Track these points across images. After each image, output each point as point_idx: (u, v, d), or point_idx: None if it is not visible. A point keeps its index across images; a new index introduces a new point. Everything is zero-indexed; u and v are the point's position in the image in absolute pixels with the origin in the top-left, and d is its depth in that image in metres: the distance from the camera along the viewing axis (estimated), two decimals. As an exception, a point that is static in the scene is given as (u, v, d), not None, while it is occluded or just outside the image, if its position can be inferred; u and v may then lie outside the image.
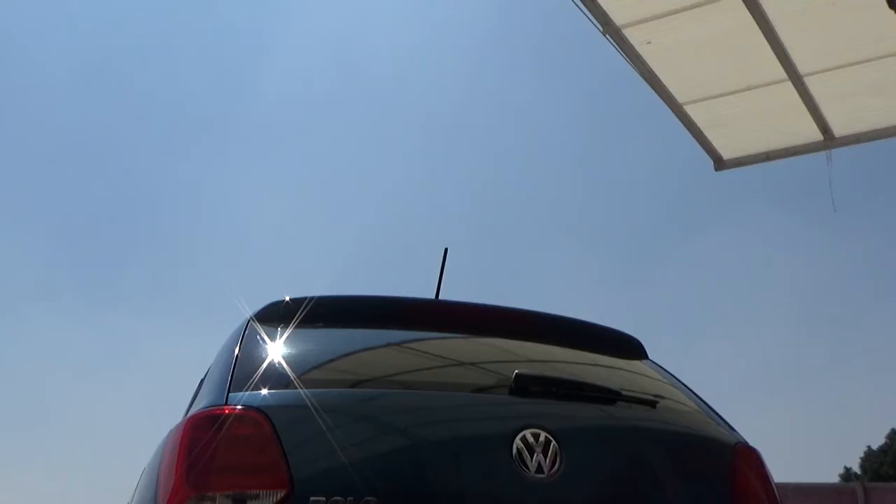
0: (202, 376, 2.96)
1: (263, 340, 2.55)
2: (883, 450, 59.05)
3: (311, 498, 2.11)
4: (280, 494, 2.11)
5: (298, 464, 2.15)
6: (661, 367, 3.03)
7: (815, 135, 6.90)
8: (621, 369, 2.87)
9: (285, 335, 2.59)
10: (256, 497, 2.11)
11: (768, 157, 7.20)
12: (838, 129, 6.87)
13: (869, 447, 59.97)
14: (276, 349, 2.50)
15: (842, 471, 60.47)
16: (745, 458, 2.58)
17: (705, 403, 2.82)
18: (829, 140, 6.88)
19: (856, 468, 59.66)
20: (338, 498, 2.11)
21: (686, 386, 2.92)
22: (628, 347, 3.05)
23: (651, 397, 2.64)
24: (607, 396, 2.54)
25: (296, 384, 2.31)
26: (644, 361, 3.03)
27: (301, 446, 2.18)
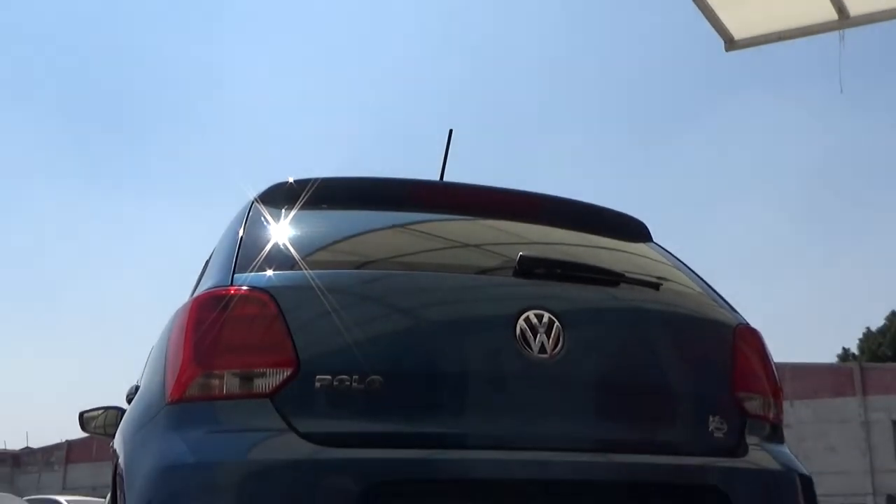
0: (207, 257, 2.98)
1: (268, 222, 2.55)
2: (882, 331, 59.81)
3: (317, 376, 2.14)
4: (286, 373, 2.14)
5: (304, 343, 2.17)
6: (664, 249, 3.03)
7: (830, 14, 6.72)
8: (625, 251, 2.88)
9: (290, 216, 2.59)
10: (263, 375, 2.15)
11: (780, 37, 7.04)
12: (854, 9, 6.69)
13: (868, 328, 60.72)
14: (281, 230, 2.50)
15: (840, 351, 61.40)
16: (745, 339, 2.61)
17: (708, 285, 2.83)
18: (844, 19, 6.70)
19: (854, 349, 60.55)
20: (343, 377, 2.15)
21: (689, 268, 2.93)
22: (632, 230, 3.05)
23: (654, 279, 2.65)
24: (611, 278, 2.55)
25: (300, 265, 2.32)
26: (648, 244, 3.03)
27: (306, 326, 2.20)
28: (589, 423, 2.34)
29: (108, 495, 3.14)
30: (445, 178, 3.12)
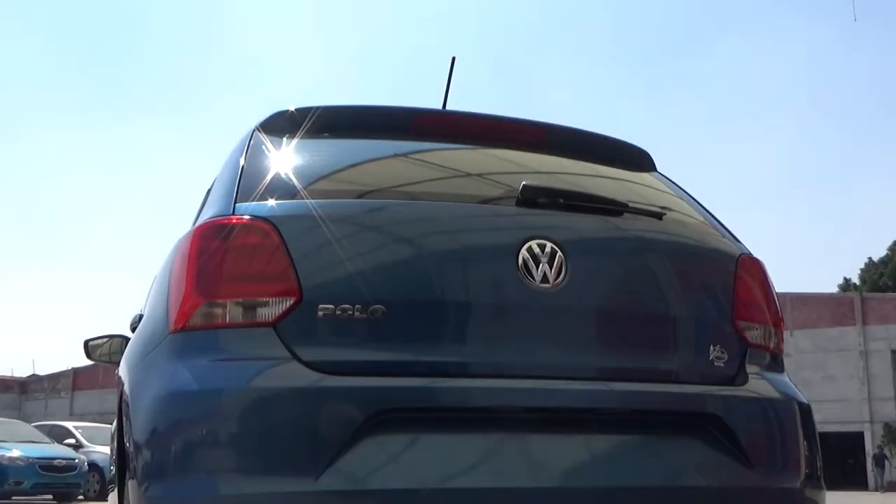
0: (209, 187, 2.97)
1: (269, 150, 2.53)
2: (884, 261, 59.90)
3: (320, 306, 2.15)
4: (289, 302, 2.15)
5: (306, 273, 2.17)
6: (668, 178, 3.01)
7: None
8: (629, 181, 2.86)
9: (291, 145, 2.57)
10: (266, 304, 2.16)
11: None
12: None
13: (870, 258, 60.85)
14: (283, 159, 2.49)
15: (841, 281, 61.59)
16: (748, 269, 2.61)
17: (711, 215, 2.82)
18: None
19: (855, 279, 60.72)
20: (346, 306, 2.15)
21: (693, 198, 2.92)
22: (637, 159, 3.02)
23: (657, 209, 2.64)
24: (614, 208, 2.54)
25: (302, 194, 2.31)
26: (652, 173, 3.01)
27: (309, 256, 2.20)
28: (590, 352, 2.35)
29: (115, 421, 3.18)
30: (448, 107, 3.09)
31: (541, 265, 2.29)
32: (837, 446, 40.97)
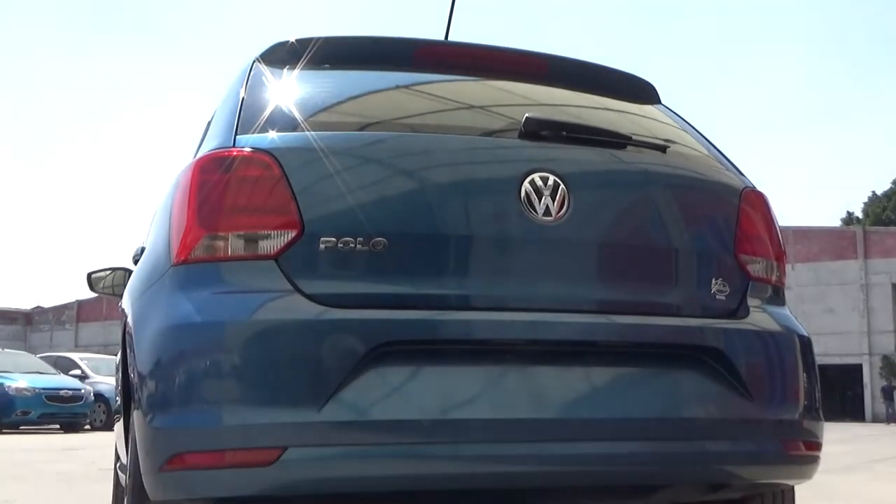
0: (209, 119, 2.94)
1: (269, 82, 2.51)
2: (887, 195, 59.75)
3: (321, 238, 2.15)
4: (291, 235, 2.15)
5: (308, 205, 2.17)
6: (672, 111, 2.99)
7: None
8: (633, 113, 2.84)
9: (292, 77, 2.55)
10: (268, 237, 2.15)
11: None
12: None
13: (874, 192, 60.68)
14: (283, 91, 2.46)
15: (844, 215, 61.53)
16: (751, 203, 2.60)
17: (716, 148, 2.80)
18: None
19: (859, 213, 60.64)
20: (347, 238, 2.15)
21: (697, 131, 2.89)
22: (641, 91, 2.99)
23: (661, 142, 2.62)
24: (617, 140, 2.53)
25: (303, 126, 2.30)
26: (656, 106, 2.99)
27: (310, 188, 2.19)
28: (592, 285, 2.36)
29: (119, 353, 3.20)
30: (450, 38, 3.04)
31: (543, 198, 2.28)
32: (836, 379, 41.37)
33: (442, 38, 3.05)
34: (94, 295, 5.29)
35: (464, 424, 2.09)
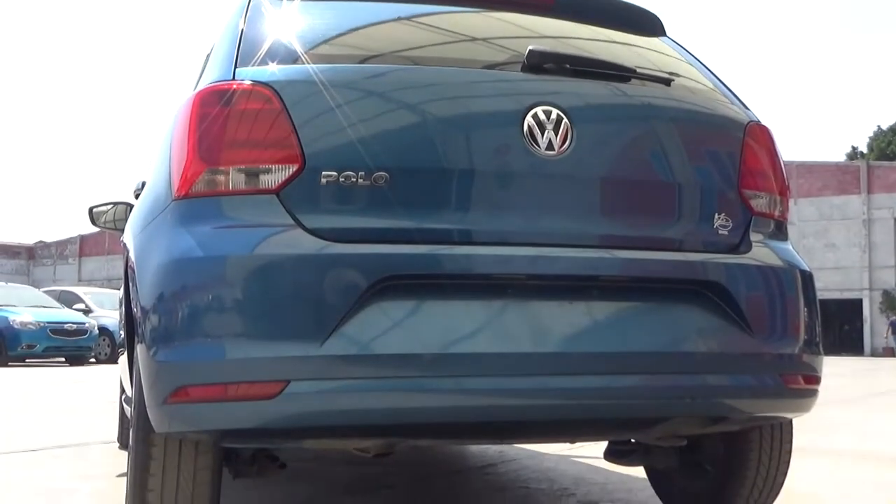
0: (208, 51, 2.91)
1: (269, 14, 2.47)
2: (893, 129, 59.36)
3: (322, 173, 2.14)
4: (291, 169, 2.13)
5: (309, 139, 2.16)
6: (678, 44, 2.95)
7: None
8: (637, 46, 2.80)
9: (292, 8, 2.51)
10: (269, 171, 2.14)
11: None
12: None
13: (879, 126, 60.27)
14: (283, 23, 2.43)
15: (849, 150, 61.20)
16: (755, 137, 2.58)
17: (721, 82, 2.77)
18: None
19: (863, 148, 60.31)
20: (349, 173, 2.14)
21: (702, 63, 2.86)
22: (646, 24, 2.95)
23: (666, 75, 2.59)
24: (622, 73, 2.50)
25: (304, 59, 2.27)
26: (661, 38, 2.95)
27: (311, 122, 2.18)
28: (595, 219, 2.35)
29: (122, 287, 3.21)
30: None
31: (546, 132, 2.26)
32: (836, 313, 41.58)
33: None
34: (96, 229, 5.30)
35: (465, 358, 2.10)
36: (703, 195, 2.47)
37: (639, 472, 3.66)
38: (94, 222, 4.63)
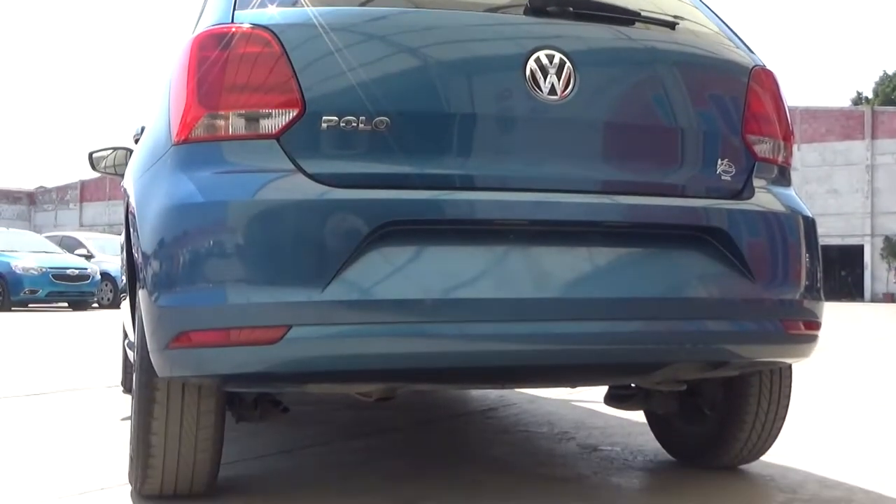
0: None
1: None
2: (898, 74, 58.77)
3: (323, 117, 2.12)
4: (292, 114, 2.12)
5: (309, 84, 2.14)
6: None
7: None
8: (642, -12, 2.75)
9: None
10: (269, 116, 2.13)
11: None
12: None
13: (884, 72, 59.74)
14: None
15: (853, 95, 60.76)
16: (761, 81, 2.55)
17: (726, 25, 2.74)
18: None
19: (869, 93, 59.85)
20: (349, 118, 2.13)
21: (707, 7, 2.82)
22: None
23: (670, 18, 2.56)
24: (625, 17, 2.46)
25: (303, 2, 2.24)
26: (666, -20, 2.89)
27: (311, 66, 2.16)
28: (597, 165, 2.34)
29: (123, 232, 3.21)
30: None
31: (549, 76, 2.24)
32: (837, 260, 41.62)
33: None
34: (97, 175, 5.28)
35: (466, 304, 2.11)
36: (706, 140, 2.45)
37: (638, 416, 3.69)
38: (94, 167, 4.61)
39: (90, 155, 4.61)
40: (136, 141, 3.49)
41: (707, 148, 2.45)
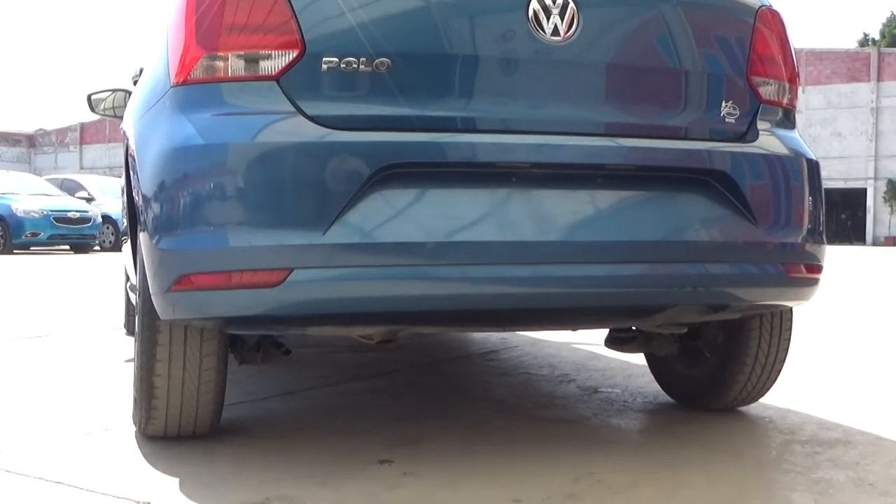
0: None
1: None
2: (905, 15, 58.15)
3: (323, 58, 2.10)
4: (292, 55, 2.10)
5: (309, 24, 2.11)
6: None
7: None
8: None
9: None
10: (268, 57, 2.10)
11: None
12: None
13: (892, 12, 59.04)
14: None
15: (860, 37, 60.12)
16: (767, 21, 2.52)
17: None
18: None
19: (875, 35, 59.22)
20: (350, 59, 2.10)
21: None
22: None
23: None
24: None
25: None
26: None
27: (311, 6, 2.13)
28: (600, 107, 2.32)
29: (123, 175, 3.20)
30: None
31: (552, 17, 2.21)
32: (839, 203, 41.59)
33: None
34: (96, 117, 5.24)
35: (468, 247, 2.10)
36: (710, 82, 2.43)
37: (639, 359, 3.72)
38: (92, 109, 4.57)
39: (89, 97, 4.57)
40: (135, 83, 3.45)
41: (711, 90, 2.42)
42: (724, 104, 2.41)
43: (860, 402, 3.24)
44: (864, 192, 42.82)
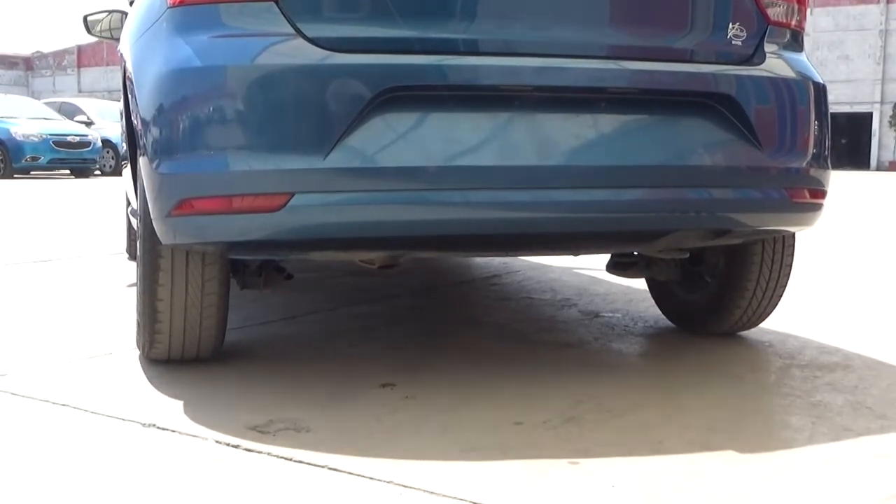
0: None
1: None
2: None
3: None
4: None
5: None
6: None
7: None
8: None
9: None
10: None
11: None
12: None
13: (902, -68, 57.82)
14: None
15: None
16: None
17: None
18: None
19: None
20: None
21: None
22: None
23: None
24: None
25: None
26: None
27: None
28: (603, 29, 2.28)
29: (122, 99, 3.16)
30: None
31: None
32: (844, 127, 41.26)
33: None
34: (94, 39, 5.16)
35: (470, 171, 2.09)
36: (717, 3, 2.38)
37: (640, 284, 3.72)
38: (89, 31, 4.50)
39: (85, 18, 4.50)
40: (132, 3, 3.39)
41: (718, 11, 2.38)
42: (731, 26, 2.37)
43: (860, 328, 3.26)
44: (868, 116, 42.45)
